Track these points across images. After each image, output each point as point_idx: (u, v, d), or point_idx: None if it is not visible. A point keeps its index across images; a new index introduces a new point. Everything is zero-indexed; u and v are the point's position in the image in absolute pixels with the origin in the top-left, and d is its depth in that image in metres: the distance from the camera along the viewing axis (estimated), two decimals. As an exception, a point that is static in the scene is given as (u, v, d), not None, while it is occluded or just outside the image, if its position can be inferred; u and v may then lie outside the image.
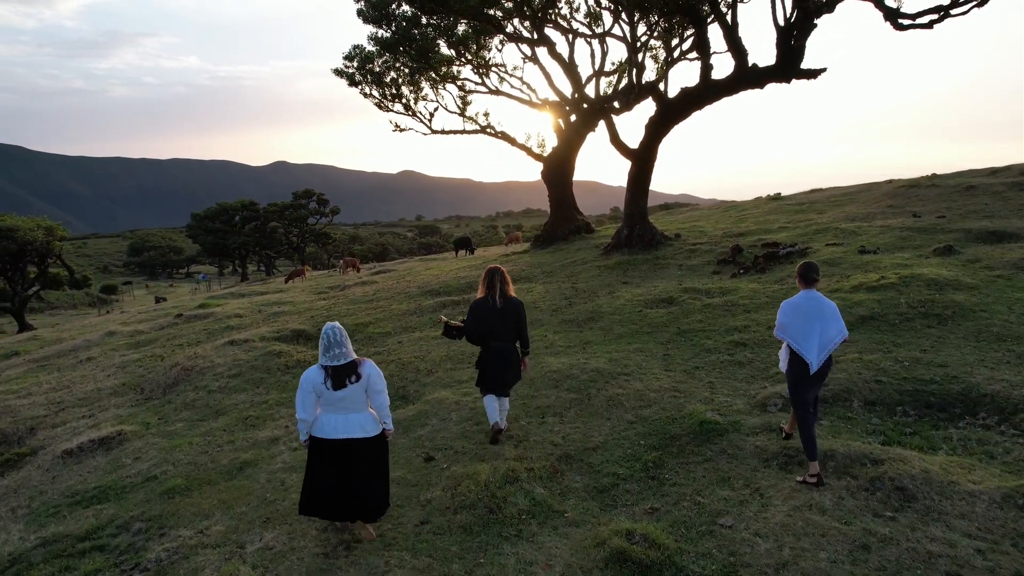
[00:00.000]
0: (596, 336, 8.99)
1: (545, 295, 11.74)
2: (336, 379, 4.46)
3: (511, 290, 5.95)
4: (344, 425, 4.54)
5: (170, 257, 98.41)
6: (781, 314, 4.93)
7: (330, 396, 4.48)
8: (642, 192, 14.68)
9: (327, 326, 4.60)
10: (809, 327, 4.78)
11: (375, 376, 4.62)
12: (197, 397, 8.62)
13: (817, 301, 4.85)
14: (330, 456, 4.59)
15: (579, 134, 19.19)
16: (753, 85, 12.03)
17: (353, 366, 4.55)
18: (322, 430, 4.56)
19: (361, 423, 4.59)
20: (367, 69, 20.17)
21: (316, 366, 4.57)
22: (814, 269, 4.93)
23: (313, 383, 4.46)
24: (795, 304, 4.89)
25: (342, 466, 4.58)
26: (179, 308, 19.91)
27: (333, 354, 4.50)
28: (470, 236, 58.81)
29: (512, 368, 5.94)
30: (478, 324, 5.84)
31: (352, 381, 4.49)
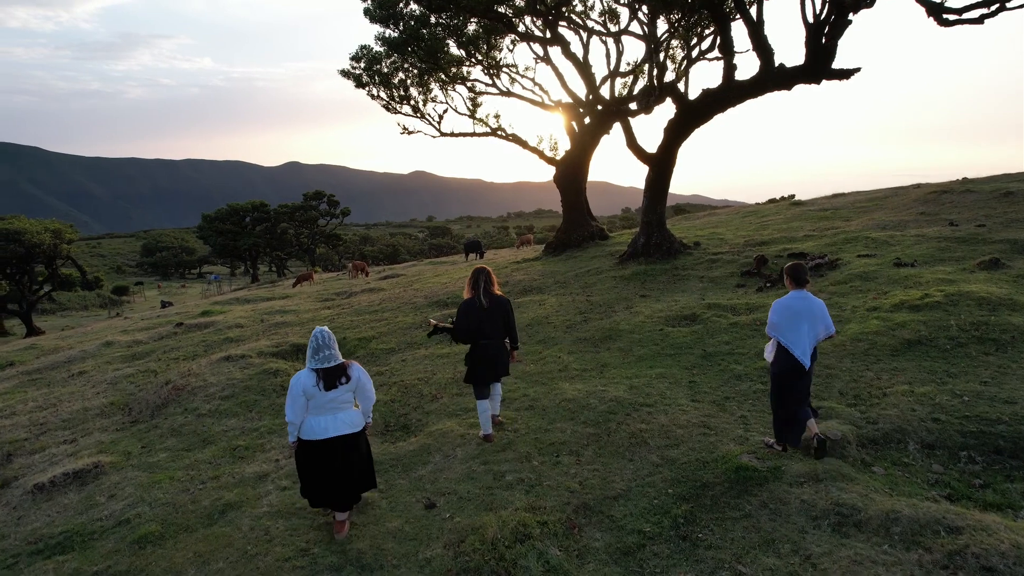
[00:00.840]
0: (614, 358, 8.32)
1: (559, 309, 11.08)
2: (328, 381, 4.72)
3: (496, 289, 6.15)
4: (334, 424, 4.81)
5: (182, 257, 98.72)
6: (773, 313, 5.15)
7: (321, 398, 4.71)
8: (660, 198, 13.98)
9: (316, 330, 4.85)
10: (799, 326, 5.03)
11: (364, 377, 4.99)
12: (185, 422, 8.04)
13: (806, 300, 5.09)
14: (321, 455, 4.83)
15: (593, 137, 18.52)
16: (780, 86, 11.31)
17: (342, 368, 4.82)
18: (312, 432, 4.78)
19: (350, 420, 4.90)
20: (374, 70, 19.60)
21: (306, 370, 4.78)
22: (804, 270, 5.23)
23: (304, 386, 4.68)
24: (786, 304, 5.11)
25: (334, 461, 4.84)
26: (182, 315, 19.44)
27: (323, 356, 4.74)
28: (480, 239, 58.26)
29: (501, 363, 6.16)
30: (467, 324, 6.01)
31: (343, 382, 4.77)
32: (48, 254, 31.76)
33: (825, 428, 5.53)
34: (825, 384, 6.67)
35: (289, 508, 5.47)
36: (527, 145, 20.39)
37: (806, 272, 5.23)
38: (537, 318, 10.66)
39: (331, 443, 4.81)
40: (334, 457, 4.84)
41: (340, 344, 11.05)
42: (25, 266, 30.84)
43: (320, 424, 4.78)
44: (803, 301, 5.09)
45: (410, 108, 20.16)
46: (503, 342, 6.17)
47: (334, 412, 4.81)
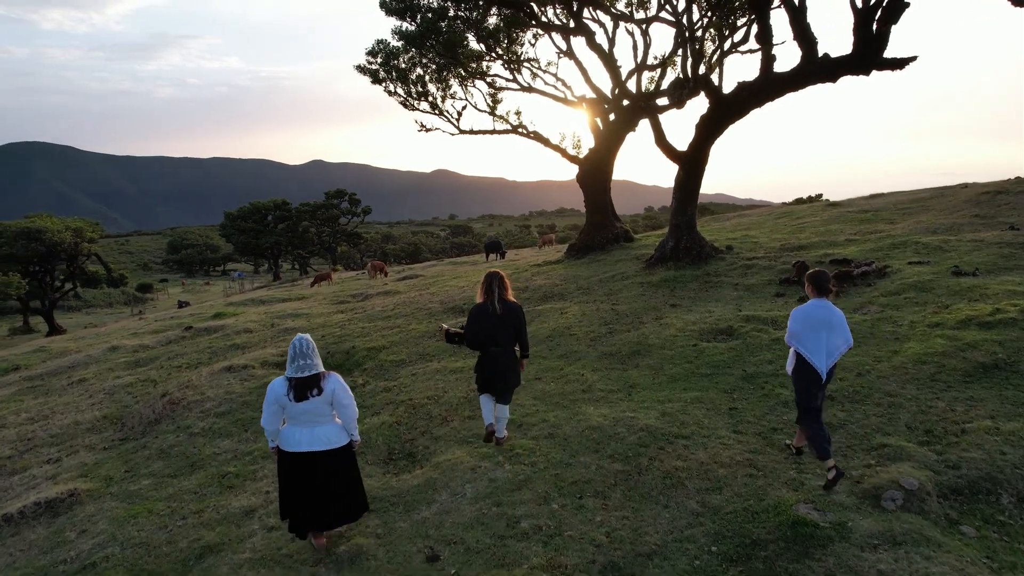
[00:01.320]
0: (643, 377, 7.52)
1: (582, 319, 10.30)
2: (298, 391, 4.48)
3: (509, 295, 5.88)
4: (309, 438, 4.56)
5: (207, 255, 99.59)
6: (792, 321, 5.01)
7: (293, 409, 4.50)
8: (690, 199, 13.11)
9: (296, 337, 4.61)
10: (817, 336, 4.86)
11: (340, 390, 4.63)
12: (176, 442, 7.43)
13: (827, 310, 4.92)
14: (299, 468, 4.60)
15: (618, 134, 17.67)
16: (824, 78, 10.37)
17: (316, 379, 4.54)
18: (288, 443, 4.59)
19: (327, 435, 4.61)
20: (391, 65, 18.97)
21: (282, 377, 4.58)
22: (827, 278, 5.03)
23: (276, 395, 4.50)
24: (806, 312, 4.96)
25: (311, 478, 4.60)
26: (195, 316, 19.02)
27: (298, 365, 4.50)
28: (501, 239, 57.52)
29: (512, 373, 5.89)
30: (478, 330, 5.78)
31: (314, 394, 4.50)
32: (69, 252, 31.74)
33: (898, 474, 4.70)
34: (889, 416, 5.81)
35: (274, 554, 4.80)
36: (549, 143, 19.61)
37: (829, 280, 5.05)
38: (559, 329, 9.89)
39: (305, 458, 4.59)
40: (310, 473, 4.61)
41: (348, 354, 10.42)
42: (46, 264, 30.83)
43: (294, 436, 4.59)
44: (824, 310, 4.92)
45: (428, 105, 19.49)
46: (513, 350, 5.93)
47: (310, 425, 4.59)
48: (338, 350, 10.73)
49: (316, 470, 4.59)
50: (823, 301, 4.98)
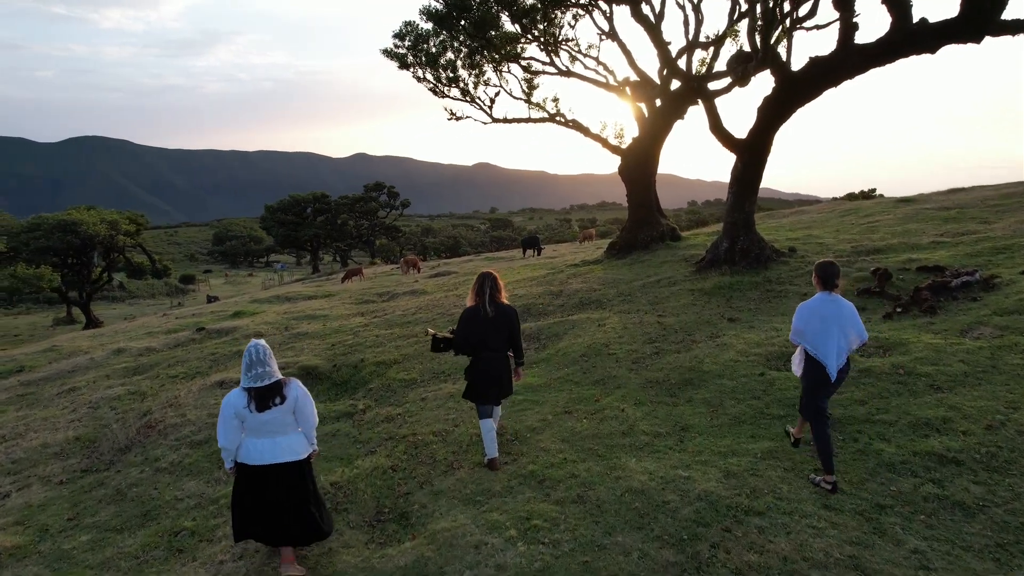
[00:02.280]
0: (699, 417, 6.06)
1: (623, 333, 8.84)
2: (260, 401, 4.21)
3: (503, 297, 5.54)
4: (272, 450, 4.29)
5: (250, 246, 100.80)
6: (797, 319, 4.79)
7: (254, 420, 4.22)
8: (749, 194, 11.48)
9: (251, 344, 4.32)
10: (827, 331, 4.63)
11: (303, 397, 4.41)
12: (138, 479, 6.31)
13: (835, 304, 4.70)
14: (260, 482, 4.31)
15: (665, 122, 16.05)
16: (920, 49, 8.64)
17: (278, 387, 4.29)
18: (248, 456, 4.29)
19: (292, 446, 4.36)
20: (420, 49, 17.72)
21: (238, 389, 4.28)
22: (835, 270, 4.77)
23: (235, 408, 4.21)
24: (812, 308, 4.75)
25: (273, 491, 4.32)
26: (216, 314, 18.23)
27: (255, 374, 4.23)
28: (538, 234, 55.81)
29: (505, 379, 5.56)
30: (468, 335, 5.48)
31: (277, 403, 4.24)
32: (106, 245, 31.63)
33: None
34: (1045, 494, 4.24)
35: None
36: (589, 132, 18.08)
37: (838, 274, 4.78)
38: (595, 346, 8.47)
39: (268, 471, 4.29)
40: (271, 486, 4.31)
41: (355, 368, 9.22)
42: (81, 257, 30.78)
43: (257, 448, 4.27)
44: (833, 305, 4.70)
45: (459, 91, 18.17)
46: (507, 356, 5.60)
47: (272, 436, 4.29)
48: (346, 363, 9.55)
49: (279, 483, 4.31)
50: (831, 295, 4.73)
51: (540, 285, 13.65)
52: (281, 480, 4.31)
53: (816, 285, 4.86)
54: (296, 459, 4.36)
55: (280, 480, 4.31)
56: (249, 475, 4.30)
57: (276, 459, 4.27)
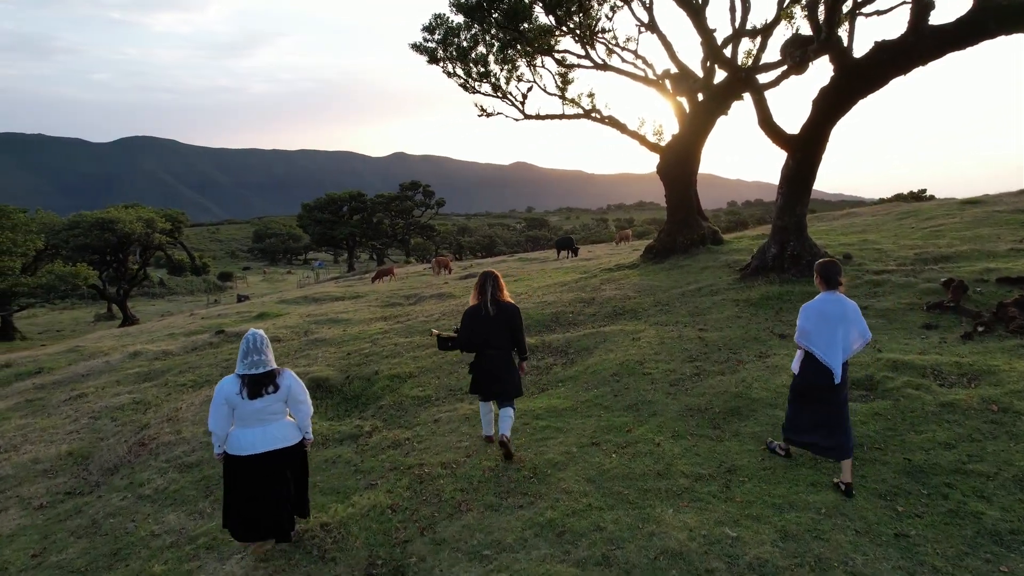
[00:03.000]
0: (748, 457, 5.18)
1: (659, 350, 7.98)
2: (252, 389, 4.25)
3: (505, 295, 5.61)
4: (263, 438, 4.32)
5: (289, 244, 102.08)
6: (803, 319, 4.65)
7: (245, 408, 4.25)
8: (801, 195, 10.47)
9: (249, 332, 4.40)
10: (833, 332, 4.52)
11: (296, 387, 4.45)
12: (118, 507, 5.75)
13: (839, 303, 4.57)
14: (249, 472, 4.32)
15: (707, 117, 15.05)
16: (1011, 28, 7.56)
17: (271, 376, 4.33)
18: (238, 446, 4.29)
19: (282, 433, 4.41)
20: (451, 43, 17.05)
21: (232, 375, 4.33)
22: (837, 269, 4.64)
23: (227, 395, 4.24)
24: (817, 308, 4.60)
25: (264, 479, 4.34)
26: (241, 314, 17.91)
27: (251, 361, 4.28)
28: (572, 235, 54.75)
29: (510, 377, 5.56)
30: (471, 334, 5.56)
31: (269, 391, 4.29)
32: (142, 243, 31.91)
33: None
34: None
35: None
36: (626, 129, 17.16)
37: (840, 271, 4.66)
38: (628, 363, 7.64)
39: (260, 459, 4.32)
40: (263, 474, 4.35)
41: (368, 381, 8.58)
42: (118, 254, 31.10)
43: (247, 438, 4.31)
44: (837, 304, 4.59)
45: (490, 86, 17.45)
46: (510, 353, 5.61)
47: (263, 424, 4.35)
48: (359, 375, 8.91)
49: (266, 471, 4.34)
50: (834, 294, 4.63)
51: (571, 291, 12.84)
52: (272, 466, 4.35)
53: (819, 285, 4.71)
54: (287, 445, 4.42)
55: (270, 466, 4.34)
56: (238, 465, 4.32)
57: (268, 447, 4.32)
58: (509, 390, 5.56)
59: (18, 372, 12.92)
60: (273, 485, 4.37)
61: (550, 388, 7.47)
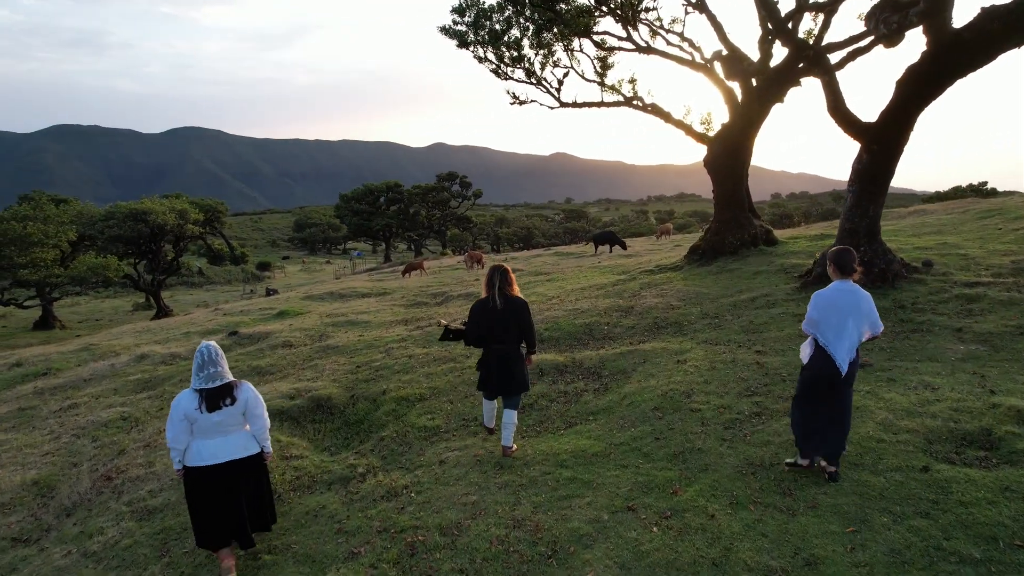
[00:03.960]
0: (831, 542, 3.95)
1: (710, 377, 6.76)
2: (210, 401, 4.24)
3: (515, 289, 5.52)
4: (223, 448, 4.33)
5: (329, 234, 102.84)
6: (812, 308, 4.43)
7: (205, 421, 4.24)
8: (876, 194, 9.03)
9: (202, 345, 4.38)
10: (842, 323, 4.30)
11: (253, 399, 4.45)
12: (56, 569, 4.86)
13: (852, 294, 4.35)
14: (212, 482, 4.32)
15: (762, 105, 13.59)
16: None
17: (228, 388, 4.33)
18: (199, 458, 4.28)
19: (242, 442, 4.42)
20: (483, 26, 15.91)
21: (188, 390, 4.31)
22: (853, 258, 4.40)
23: (184, 411, 4.22)
24: (828, 297, 4.39)
25: (226, 488, 4.34)
26: (264, 312, 17.23)
27: (207, 374, 4.27)
28: (613, 228, 52.95)
29: (517, 371, 5.49)
30: (478, 327, 5.54)
31: (227, 404, 4.29)
32: (175, 234, 31.79)
33: None
34: None
35: None
36: (670, 118, 15.80)
37: (855, 259, 4.40)
38: (672, 394, 6.44)
39: (222, 468, 4.31)
40: (226, 483, 4.33)
41: (373, 403, 7.61)
42: (151, 245, 31.02)
43: (208, 449, 4.28)
44: (849, 295, 4.32)
45: (523, 72, 16.27)
46: (518, 348, 5.58)
47: (224, 434, 4.33)
48: (365, 394, 7.92)
49: (232, 479, 4.35)
50: (848, 283, 4.37)
51: (608, 296, 11.64)
52: (234, 475, 4.35)
53: (832, 274, 4.49)
54: (248, 455, 4.42)
55: (232, 475, 4.34)
56: (199, 477, 4.29)
57: (229, 456, 4.32)
58: (515, 384, 5.51)
59: (25, 373, 12.40)
60: (235, 494, 4.36)
61: (579, 422, 6.34)
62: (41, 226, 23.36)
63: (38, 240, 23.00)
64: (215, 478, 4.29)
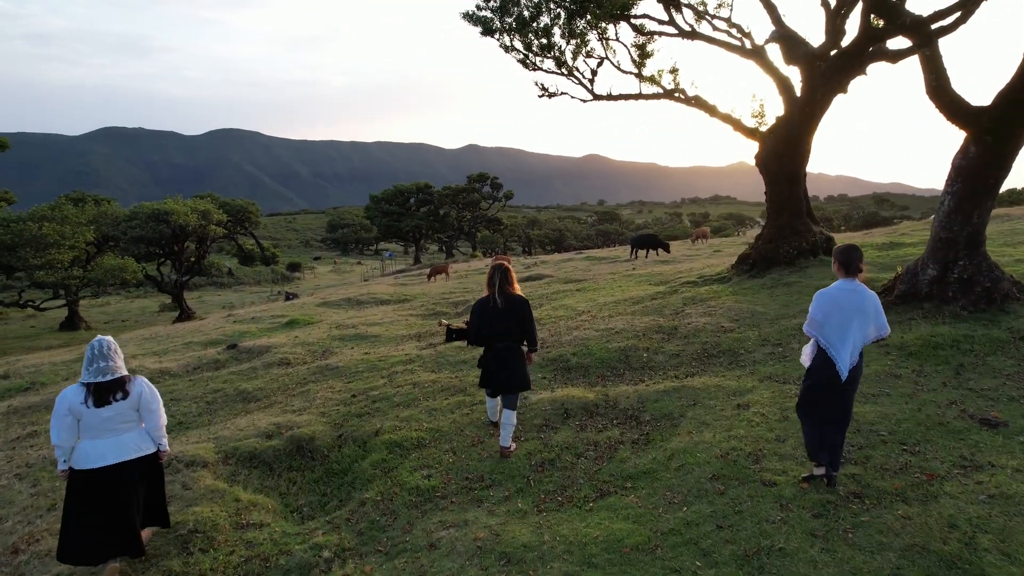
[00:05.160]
0: None
1: (783, 431, 5.23)
2: (99, 396, 4.02)
3: (515, 288, 5.60)
4: (115, 449, 4.07)
5: (361, 235, 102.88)
6: (814, 307, 4.22)
7: (93, 417, 4.00)
8: (984, 197, 7.38)
9: (95, 339, 4.16)
10: (846, 326, 4.07)
11: (148, 394, 4.23)
12: None
13: (857, 294, 4.12)
14: (97, 486, 4.03)
15: (824, 94, 11.92)
16: None
17: (120, 382, 4.10)
18: (87, 459, 4.02)
19: (136, 442, 4.18)
20: (510, 12, 14.54)
21: (75, 384, 4.10)
22: (859, 256, 4.17)
23: (70, 405, 3.99)
24: (831, 296, 4.17)
25: (112, 494, 4.06)
26: (272, 321, 16.14)
27: (97, 368, 4.04)
28: (651, 229, 50.90)
29: (517, 369, 5.53)
30: (480, 325, 5.58)
31: (118, 398, 4.07)
32: (198, 235, 31.19)
33: None
34: None
35: None
36: (716, 112, 14.20)
37: (861, 256, 4.18)
38: (735, 455, 4.94)
39: (111, 471, 4.04)
40: (113, 487, 4.04)
41: (362, 447, 6.29)
42: (173, 246, 30.45)
43: (96, 450, 4.03)
44: (853, 294, 4.11)
45: (553, 62, 14.84)
46: (519, 346, 5.62)
47: (115, 434, 4.09)
48: (356, 434, 6.59)
49: (121, 482, 4.07)
50: (852, 282, 4.14)
51: (646, 313, 10.15)
52: (124, 477, 4.08)
53: (837, 271, 4.23)
54: (140, 455, 4.17)
55: (122, 478, 4.08)
56: (87, 480, 4.02)
57: (120, 458, 4.07)
58: (515, 382, 5.54)
59: (9, 387, 11.45)
60: (122, 498, 4.08)
61: (614, 490, 4.88)
62: (58, 227, 22.83)
63: (54, 241, 22.46)
64: (102, 482, 4.03)
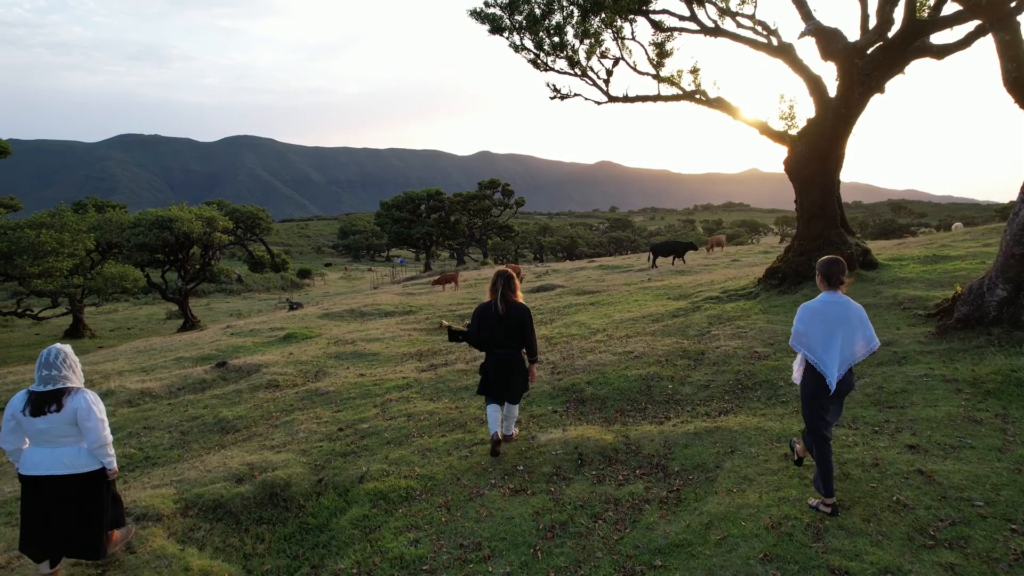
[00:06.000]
0: None
1: (843, 493, 4.29)
2: (35, 406, 3.97)
3: (517, 296, 5.62)
4: (49, 460, 4.02)
5: (372, 241, 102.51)
6: (798, 320, 4.16)
7: (29, 426, 3.99)
8: (1062, 206, 6.43)
9: (50, 347, 4.10)
10: (831, 336, 4.02)
11: (84, 410, 4.02)
12: None
13: (842, 306, 4.07)
14: (38, 492, 4.06)
15: (863, 94, 10.95)
16: None
17: (57, 394, 3.99)
18: (26, 465, 4.05)
19: (70, 458, 4.06)
20: (520, 9, 13.71)
21: (25, 390, 4.08)
22: (841, 268, 4.12)
23: (13, 409, 4.01)
24: (815, 309, 4.12)
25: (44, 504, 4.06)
26: (271, 334, 15.35)
27: (42, 377, 4.01)
28: (662, 239, 49.81)
29: (517, 377, 5.64)
30: (480, 329, 5.64)
31: (52, 410, 3.97)
32: (203, 242, 30.56)
33: None
34: None
35: None
36: (739, 114, 13.28)
37: (843, 269, 4.13)
38: (786, 526, 4.00)
39: (47, 481, 4.02)
40: (52, 497, 4.03)
41: (343, 496, 5.41)
42: (177, 254, 29.83)
43: (34, 457, 4.03)
44: (836, 306, 4.06)
45: (566, 62, 13.97)
46: (519, 354, 5.68)
47: (51, 446, 4.02)
48: (337, 479, 5.70)
49: (46, 496, 4.03)
50: (836, 294, 4.10)
51: (668, 334, 9.22)
52: (59, 493, 4.04)
53: (820, 284, 4.19)
54: (73, 473, 4.05)
55: (57, 493, 4.03)
56: (28, 484, 4.05)
57: (51, 471, 4.01)
58: (514, 390, 5.62)
59: (-18, 408, 10.69)
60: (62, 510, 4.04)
61: (639, 569, 3.95)
62: (56, 234, 22.23)
63: (52, 249, 21.86)
64: (40, 490, 4.02)
